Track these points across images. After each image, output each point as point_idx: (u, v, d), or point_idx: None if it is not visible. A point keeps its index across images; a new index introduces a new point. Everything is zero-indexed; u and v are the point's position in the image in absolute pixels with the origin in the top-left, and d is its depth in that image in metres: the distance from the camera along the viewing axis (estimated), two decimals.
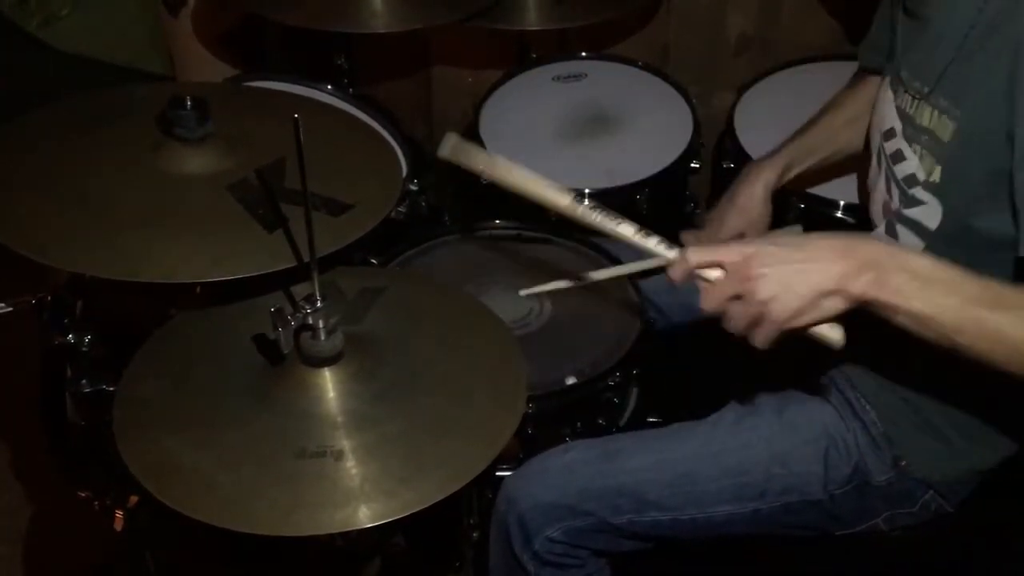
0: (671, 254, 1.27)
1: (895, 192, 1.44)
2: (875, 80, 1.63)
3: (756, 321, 1.20)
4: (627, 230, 1.30)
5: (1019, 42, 1.21)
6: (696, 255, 1.23)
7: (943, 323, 1.16)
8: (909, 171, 1.40)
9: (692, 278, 1.24)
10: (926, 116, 1.36)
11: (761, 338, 1.21)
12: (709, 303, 1.23)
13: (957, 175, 1.30)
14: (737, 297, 1.20)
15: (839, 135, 1.74)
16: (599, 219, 1.31)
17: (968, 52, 1.29)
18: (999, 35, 1.24)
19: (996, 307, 1.15)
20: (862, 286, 1.17)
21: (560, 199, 1.33)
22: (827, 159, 1.77)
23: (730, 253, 1.22)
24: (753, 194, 1.74)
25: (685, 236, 1.79)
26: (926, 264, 1.19)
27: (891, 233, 1.43)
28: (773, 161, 1.75)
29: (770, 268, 1.18)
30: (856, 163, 1.72)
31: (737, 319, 1.22)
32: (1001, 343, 1.15)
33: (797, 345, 1.24)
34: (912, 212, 1.39)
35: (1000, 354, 1.16)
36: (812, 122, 1.77)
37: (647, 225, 1.29)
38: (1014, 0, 1.22)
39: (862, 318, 1.22)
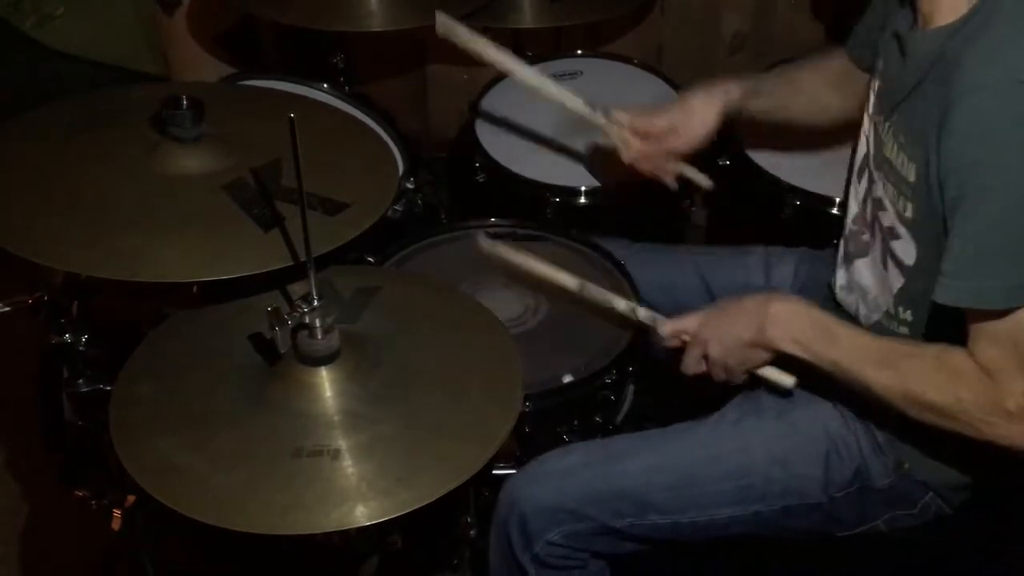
0: (654, 324, 1.58)
1: (869, 207, 1.47)
2: (840, 62, 1.68)
3: (721, 371, 1.50)
4: (619, 304, 1.61)
5: (948, 98, 1.23)
6: (665, 328, 1.55)
7: (828, 372, 1.39)
8: (877, 194, 1.44)
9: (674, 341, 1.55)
10: (889, 147, 1.38)
11: (736, 380, 1.51)
12: (688, 370, 1.54)
13: (927, 214, 1.33)
14: (705, 357, 1.50)
15: (795, 99, 1.76)
16: (597, 295, 1.62)
17: (924, 90, 1.31)
18: (943, 81, 1.25)
19: (879, 364, 1.34)
20: (769, 338, 1.43)
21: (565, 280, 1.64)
22: (779, 114, 1.78)
23: (691, 323, 1.52)
24: (711, 101, 1.73)
25: (618, 114, 1.78)
26: (820, 320, 1.41)
27: (884, 264, 1.45)
28: (739, 82, 1.74)
29: (711, 332, 1.49)
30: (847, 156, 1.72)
31: (714, 373, 1.52)
32: (869, 393, 1.35)
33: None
34: (895, 245, 1.41)
35: (874, 402, 1.36)
36: (777, 74, 1.79)
37: (644, 223, 1.34)
38: (961, 48, 1.24)
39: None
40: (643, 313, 1.59)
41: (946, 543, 1.57)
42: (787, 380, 1.50)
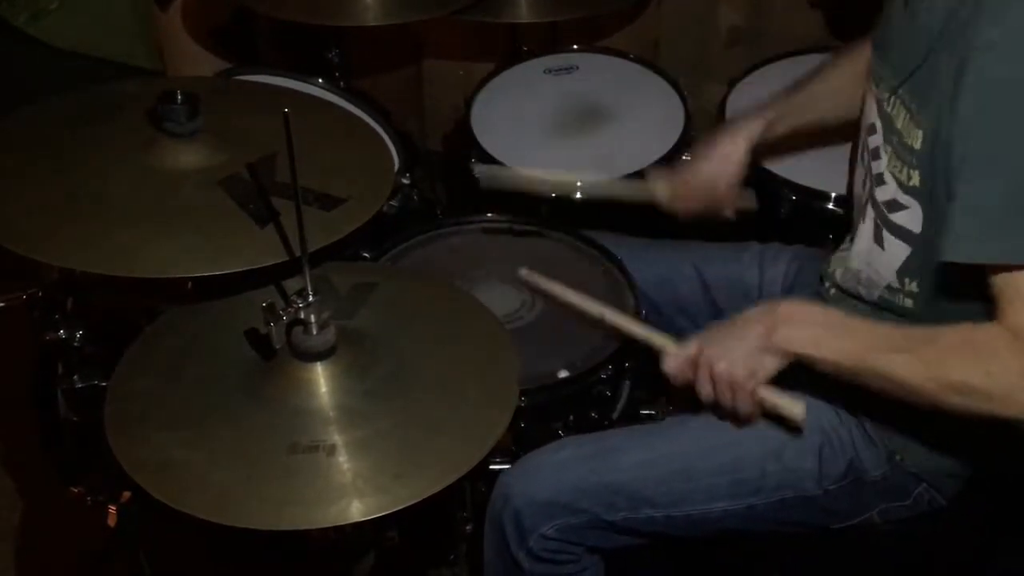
0: (666, 343, 1.51)
1: (867, 185, 1.46)
2: (865, 55, 1.65)
3: (732, 392, 1.42)
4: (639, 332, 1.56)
5: (963, 57, 1.22)
6: (672, 364, 1.48)
7: (847, 368, 1.33)
8: (879, 170, 1.42)
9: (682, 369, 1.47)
10: (900, 119, 1.37)
11: (744, 409, 1.44)
12: (701, 395, 1.46)
13: (933, 180, 1.32)
14: (712, 383, 1.43)
15: (825, 102, 1.74)
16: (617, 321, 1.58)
17: (936, 55, 1.30)
18: (956, 43, 1.25)
19: (890, 351, 1.29)
20: (782, 340, 1.37)
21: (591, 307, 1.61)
22: (810, 123, 1.77)
23: (693, 348, 1.45)
24: (735, 144, 1.73)
25: (653, 174, 1.81)
26: (833, 316, 1.39)
27: (878, 241, 1.44)
28: (759, 116, 1.74)
29: (715, 348, 1.42)
30: (845, 151, 1.72)
31: (722, 400, 1.44)
32: (892, 383, 1.29)
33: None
34: (897, 217, 1.39)
35: (898, 393, 1.30)
36: (801, 83, 1.76)
37: (640, 217, 1.31)
38: (977, 9, 1.23)
39: None
40: (659, 340, 1.53)
41: (940, 534, 1.58)
42: (798, 412, 1.44)
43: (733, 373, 1.40)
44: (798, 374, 1.51)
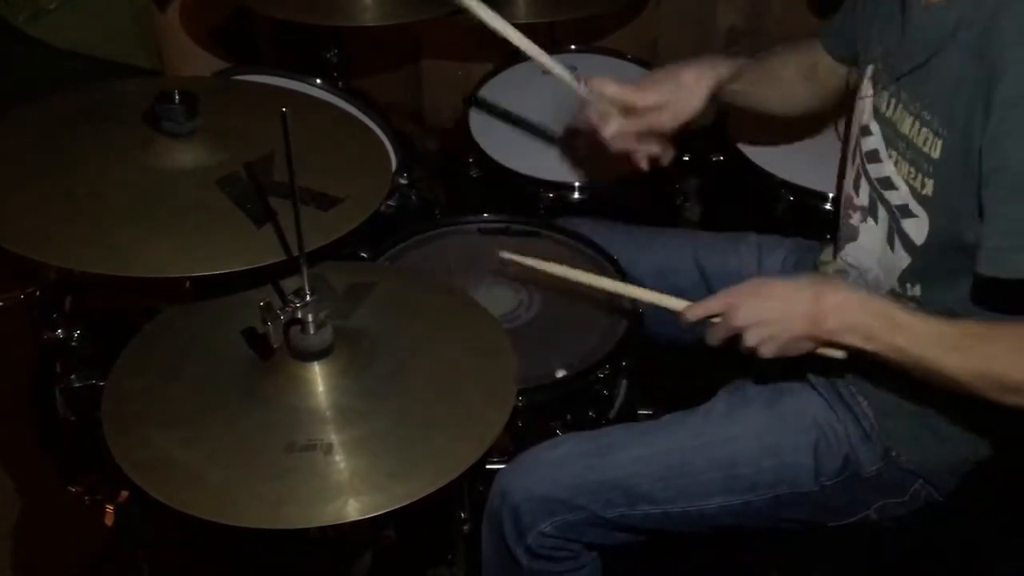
0: (680, 306, 1.48)
1: (867, 190, 1.46)
2: (812, 55, 1.68)
3: (754, 351, 1.39)
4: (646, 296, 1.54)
5: (993, 68, 1.22)
6: (692, 312, 1.44)
7: (895, 361, 1.31)
8: (884, 174, 1.42)
9: (700, 323, 1.44)
10: (907, 125, 1.37)
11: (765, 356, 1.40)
12: (712, 341, 1.43)
13: (950, 190, 1.32)
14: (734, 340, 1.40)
15: (768, 88, 1.74)
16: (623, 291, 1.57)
17: (947, 59, 1.30)
18: (977, 53, 1.25)
19: (942, 348, 1.27)
20: (829, 332, 1.34)
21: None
22: (749, 100, 1.75)
23: (718, 306, 1.41)
24: (700, 78, 1.66)
25: (602, 84, 1.67)
26: (882, 306, 1.34)
27: (890, 243, 1.44)
28: (728, 61, 1.70)
29: (749, 318, 1.37)
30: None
31: (743, 349, 1.40)
32: (943, 378, 1.29)
33: None
34: (905, 224, 1.40)
35: (948, 388, 1.29)
36: (759, 62, 1.74)
37: (637, 216, 1.31)
38: (989, 16, 1.23)
39: None
40: (671, 301, 1.49)
41: (937, 530, 1.58)
42: (838, 352, 1.39)
43: (763, 350, 1.38)
44: (795, 368, 1.52)
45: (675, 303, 1.48)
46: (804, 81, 1.72)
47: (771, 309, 1.37)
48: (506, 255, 1.65)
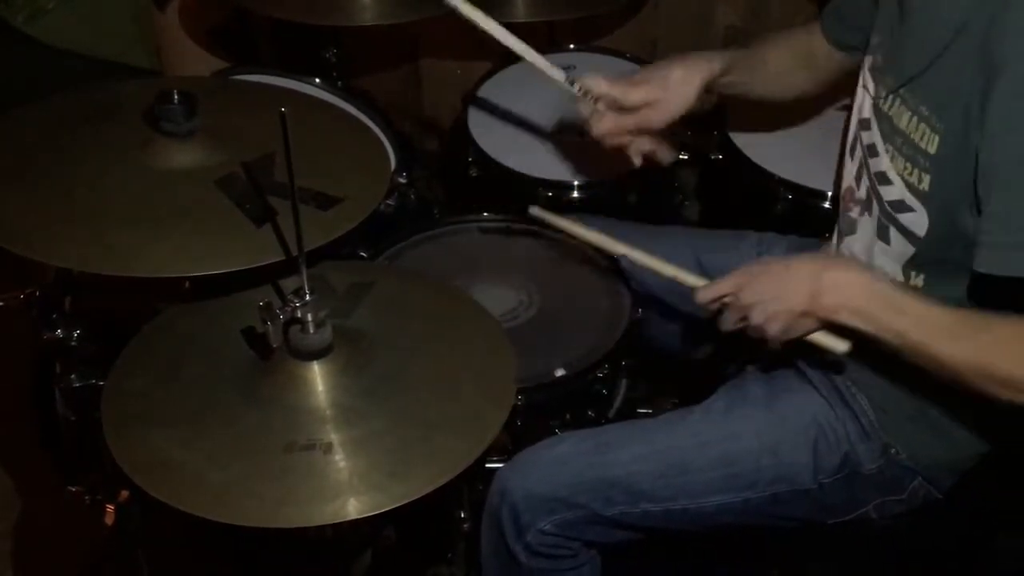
0: (698, 283, 1.47)
1: (864, 184, 1.46)
2: (807, 41, 1.67)
3: (763, 336, 1.38)
4: (666, 270, 1.51)
5: (992, 65, 1.22)
6: (704, 294, 1.43)
7: (891, 344, 1.30)
8: (880, 168, 1.42)
9: (714, 303, 1.43)
10: (904, 120, 1.36)
11: (774, 345, 1.39)
12: (725, 327, 1.42)
13: (946, 185, 1.32)
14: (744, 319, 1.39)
15: (762, 77, 1.73)
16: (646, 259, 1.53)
17: (949, 61, 1.29)
18: (979, 51, 1.24)
19: (939, 335, 1.27)
20: (825, 307, 1.33)
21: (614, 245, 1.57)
22: (742, 88, 1.73)
23: (728, 286, 1.40)
24: (690, 75, 1.64)
25: (591, 82, 1.67)
26: (882, 287, 1.32)
27: (882, 238, 1.44)
28: (719, 55, 1.69)
29: (754, 296, 1.37)
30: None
31: (752, 334, 1.40)
32: (936, 365, 1.27)
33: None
34: (904, 218, 1.40)
35: (941, 375, 1.28)
36: (752, 51, 1.74)
37: (637, 216, 1.31)
38: (991, 18, 1.23)
39: None
40: (689, 277, 1.48)
41: (936, 528, 1.58)
42: (841, 346, 1.37)
43: (768, 328, 1.36)
44: (794, 366, 1.52)
45: (693, 280, 1.47)
46: (800, 67, 1.72)
47: (774, 285, 1.36)
48: (536, 210, 1.61)
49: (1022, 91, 1.20)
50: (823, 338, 1.38)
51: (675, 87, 1.64)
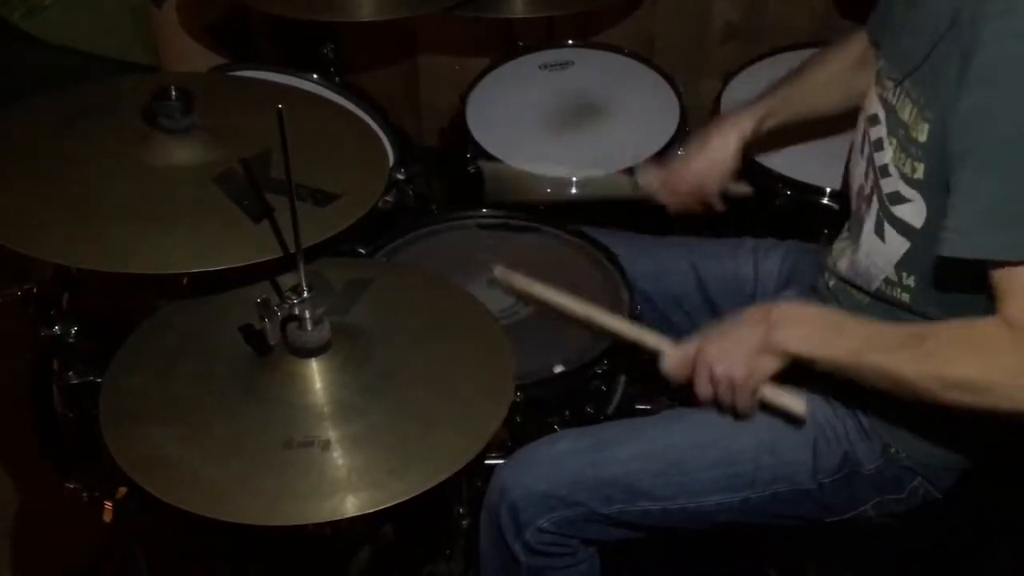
0: (659, 344, 1.52)
1: (871, 179, 1.46)
2: (862, 42, 1.66)
3: (732, 392, 1.43)
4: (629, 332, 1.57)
5: (967, 53, 1.22)
6: (667, 363, 1.49)
7: (845, 366, 1.34)
8: (883, 161, 1.42)
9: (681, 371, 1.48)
10: (907, 112, 1.37)
11: (742, 406, 1.45)
12: (702, 392, 1.46)
13: (938, 173, 1.32)
14: (712, 383, 1.44)
15: (818, 92, 1.74)
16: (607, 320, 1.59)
17: (941, 50, 1.30)
18: (961, 40, 1.25)
19: (887, 348, 1.29)
20: (779, 341, 1.38)
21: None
22: (803, 115, 1.77)
23: (687, 349, 1.47)
24: (726, 143, 1.74)
25: (643, 169, 1.83)
26: (829, 315, 1.39)
27: (879, 234, 1.44)
28: (750, 111, 1.74)
29: (714, 350, 1.43)
30: (841, 146, 1.72)
31: (722, 399, 1.45)
32: (890, 380, 1.30)
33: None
34: (899, 210, 1.39)
35: (897, 390, 1.30)
36: (793, 76, 1.76)
37: (635, 213, 1.30)
38: (975, 7, 1.23)
39: None
40: (652, 339, 1.54)
41: (935, 527, 1.58)
42: (798, 406, 1.45)
43: (733, 374, 1.41)
44: (794, 366, 1.51)
45: (655, 341, 1.52)
46: (860, 69, 1.69)
47: (730, 334, 1.43)
48: (499, 270, 1.69)
49: (987, 78, 1.21)
50: (782, 397, 1.45)
51: (715, 158, 1.76)
